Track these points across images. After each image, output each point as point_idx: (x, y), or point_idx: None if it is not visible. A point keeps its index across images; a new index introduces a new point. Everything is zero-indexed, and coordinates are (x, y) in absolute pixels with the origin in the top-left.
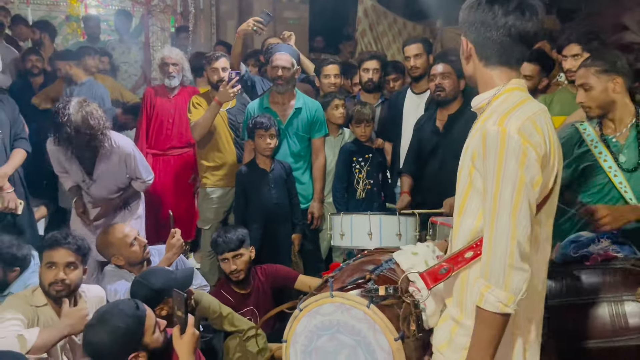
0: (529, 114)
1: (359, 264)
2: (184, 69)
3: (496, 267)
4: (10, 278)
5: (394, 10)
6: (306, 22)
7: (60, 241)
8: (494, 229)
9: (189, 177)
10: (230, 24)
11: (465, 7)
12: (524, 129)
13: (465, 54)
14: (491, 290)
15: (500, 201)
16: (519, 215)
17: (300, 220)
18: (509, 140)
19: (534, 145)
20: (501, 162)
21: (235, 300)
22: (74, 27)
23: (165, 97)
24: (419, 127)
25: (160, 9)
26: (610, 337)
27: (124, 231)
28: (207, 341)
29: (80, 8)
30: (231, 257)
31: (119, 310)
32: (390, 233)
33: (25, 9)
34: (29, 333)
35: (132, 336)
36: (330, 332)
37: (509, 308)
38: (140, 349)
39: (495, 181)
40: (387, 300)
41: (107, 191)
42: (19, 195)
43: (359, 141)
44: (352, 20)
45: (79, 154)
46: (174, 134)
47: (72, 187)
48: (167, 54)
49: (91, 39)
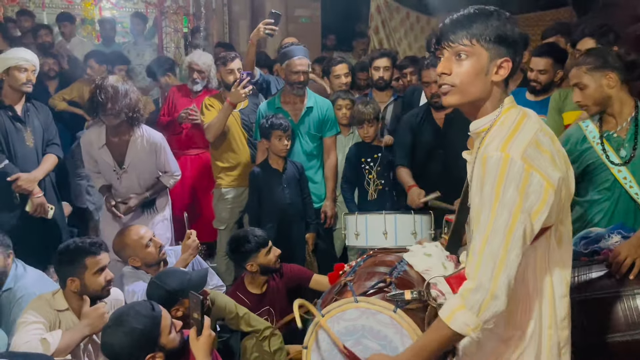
0: (531, 135)
1: (371, 266)
2: (210, 76)
3: (478, 293)
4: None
5: (407, 4)
6: (318, 20)
7: (102, 246)
8: (483, 254)
9: (207, 177)
10: (243, 24)
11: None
12: (528, 154)
13: (486, 71)
14: (463, 312)
15: (495, 226)
16: (511, 243)
17: (313, 219)
18: (511, 165)
19: (539, 168)
20: (500, 187)
21: (251, 300)
22: (88, 29)
23: (188, 97)
24: (414, 124)
25: (173, 10)
26: (624, 330)
27: (140, 233)
28: (224, 341)
29: (95, 11)
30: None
31: (135, 311)
32: (405, 232)
33: (41, 13)
34: (52, 336)
35: (148, 337)
36: (355, 337)
37: (473, 333)
38: (157, 350)
39: (492, 206)
40: (411, 304)
41: (136, 183)
42: (50, 200)
43: (365, 142)
44: (364, 17)
45: (112, 134)
46: (194, 134)
47: (103, 187)
48: (195, 59)
49: (106, 42)
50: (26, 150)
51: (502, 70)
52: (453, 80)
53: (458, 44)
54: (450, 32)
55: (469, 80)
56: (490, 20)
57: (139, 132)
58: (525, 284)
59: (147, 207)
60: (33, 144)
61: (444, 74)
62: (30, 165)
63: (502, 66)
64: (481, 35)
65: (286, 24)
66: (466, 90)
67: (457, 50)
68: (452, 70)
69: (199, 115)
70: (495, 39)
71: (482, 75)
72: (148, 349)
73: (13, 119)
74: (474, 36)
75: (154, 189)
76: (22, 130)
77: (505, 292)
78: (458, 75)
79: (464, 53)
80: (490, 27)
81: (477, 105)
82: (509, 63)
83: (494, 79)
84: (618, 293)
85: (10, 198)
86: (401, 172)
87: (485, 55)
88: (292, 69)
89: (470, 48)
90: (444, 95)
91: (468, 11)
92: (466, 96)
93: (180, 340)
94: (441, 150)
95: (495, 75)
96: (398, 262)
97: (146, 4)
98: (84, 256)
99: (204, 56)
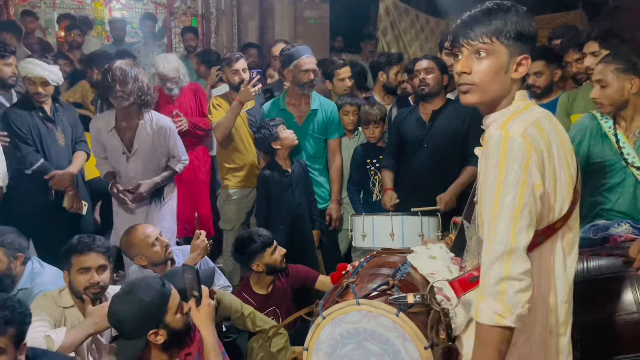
0: (533, 118)
1: (374, 267)
2: (181, 78)
3: (492, 276)
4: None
5: (416, 7)
6: (327, 22)
7: (90, 245)
8: (492, 235)
9: (201, 173)
10: (252, 25)
11: (522, 17)
12: (528, 133)
13: (506, 69)
14: (485, 301)
15: (501, 206)
16: (519, 223)
17: (318, 217)
18: (511, 143)
19: (537, 149)
20: (503, 165)
21: (257, 301)
22: (98, 30)
23: (169, 101)
24: (400, 121)
25: (182, 11)
26: (633, 310)
27: (146, 232)
28: (231, 341)
29: (105, 11)
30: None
31: (145, 284)
32: (412, 234)
33: (52, 13)
34: (56, 334)
35: (154, 311)
36: (356, 340)
37: (506, 320)
38: (160, 327)
39: (497, 186)
40: (414, 307)
41: (145, 168)
42: (83, 197)
43: (370, 143)
44: (373, 18)
45: (121, 118)
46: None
47: (108, 173)
48: (160, 69)
49: (116, 42)
50: (58, 148)
51: (521, 68)
52: (473, 79)
53: (477, 42)
54: (468, 30)
55: (489, 78)
56: (509, 15)
57: (148, 116)
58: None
59: (155, 196)
60: (64, 142)
61: (464, 73)
62: (63, 163)
63: (521, 63)
64: (501, 32)
65: (295, 25)
66: (486, 88)
67: (477, 48)
68: (472, 69)
69: (184, 121)
70: (515, 36)
71: (502, 73)
72: (152, 324)
73: (44, 119)
74: (493, 33)
75: (163, 175)
76: (53, 130)
77: (520, 270)
78: (478, 74)
79: (483, 51)
80: (509, 24)
81: (496, 103)
82: (528, 60)
83: (513, 76)
84: (628, 274)
85: (46, 196)
86: (383, 174)
87: (505, 53)
88: (301, 68)
89: (489, 46)
90: (464, 94)
91: (486, 7)
92: (486, 94)
93: (185, 323)
94: (426, 145)
95: (515, 72)
96: (401, 264)
97: (156, 4)
98: (71, 253)
99: (168, 63)
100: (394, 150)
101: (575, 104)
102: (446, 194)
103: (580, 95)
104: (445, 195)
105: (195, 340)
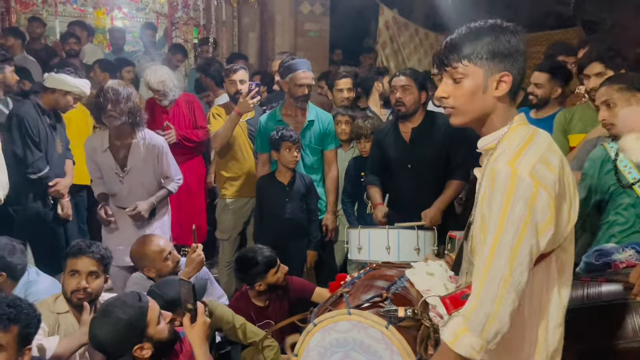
0: (540, 153)
1: (370, 279)
2: (167, 91)
3: (481, 312)
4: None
5: (416, 22)
6: (327, 35)
7: (84, 250)
8: (488, 270)
9: (195, 182)
10: (252, 36)
11: (496, 35)
12: (537, 171)
13: (484, 89)
14: (467, 335)
15: (501, 243)
16: (517, 261)
17: (315, 237)
18: (520, 182)
19: (547, 186)
20: (508, 203)
21: (254, 312)
22: (100, 38)
23: (163, 110)
24: (382, 137)
25: (183, 21)
26: (631, 337)
27: (160, 245)
28: (224, 354)
29: (107, 20)
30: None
31: (121, 302)
32: (408, 247)
33: (54, 21)
34: (49, 342)
35: (134, 327)
36: (345, 350)
37: (478, 356)
38: (144, 341)
39: (499, 222)
40: (405, 321)
41: (140, 187)
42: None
43: (363, 156)
44: (372, 32)
45: (114, 138)
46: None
47: (101, 194)
48: (147, 81)
49: (115, 50)
50: (56, 156)
51: (503, 85)
52: (452, 103)
53: (451, 68)
54: (443, 57)
55: (466, 100)
56: (481, 37)
57: (141, 135)
58: (521, 311)
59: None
60: (62, 149)
61: (443, 98)
62: (59, 171)
63: (502, 81)
64: (472, 55)
65: (295, 37)
66: (466, 110)
67: (451, 73)
68: (449, 93)
69: (172, 133)
70: (488, 56)
71: (480, 93)
72: (135, 340)
73: (49, 126)
74: (464, 57)
75: (158, 194)
76: (54, 137)
77: (509, 312)
78: (456, 98)
79: (459, 75)
80: (481, 45)
81: (483, 120)
82: (509, 77)
83: (495, 94)
84: (626, 300)
85: (44, 202)
86: (370, 191)
87: (480, 73)
88: (297, 82)
89: (464, 69)
90: (449, 117)
91: (460, 32)
92: (468, 115)
93: (170, 332)
94: (409, 165)
95: (496, 90)
96: (398, 278)
97: (157, 14)
98: (67, 256)
99: (154, 75)
100: (376, 167)
101: (573, 124)
102: (431, 210)
103: (577, 116)
104: (430, 211)
105: (185, 350)
